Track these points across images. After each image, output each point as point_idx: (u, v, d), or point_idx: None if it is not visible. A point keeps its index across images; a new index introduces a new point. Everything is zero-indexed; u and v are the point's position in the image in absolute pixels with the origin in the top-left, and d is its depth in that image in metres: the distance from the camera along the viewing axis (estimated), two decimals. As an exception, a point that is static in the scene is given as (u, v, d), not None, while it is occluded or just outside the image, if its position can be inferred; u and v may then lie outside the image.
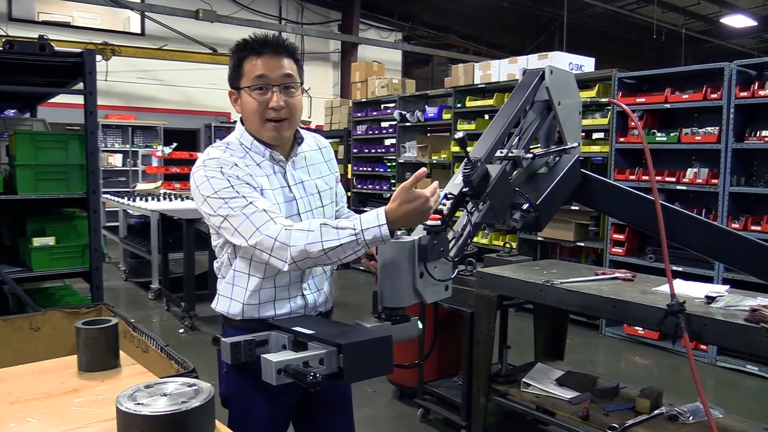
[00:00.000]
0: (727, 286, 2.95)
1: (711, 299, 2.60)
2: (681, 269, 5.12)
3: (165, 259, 6.93)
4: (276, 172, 1.86)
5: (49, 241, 3.31)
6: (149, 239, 7.10)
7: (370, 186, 9.55)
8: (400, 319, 1.66)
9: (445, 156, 8.04)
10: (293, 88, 1.83)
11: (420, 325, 1.71)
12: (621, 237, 5.84)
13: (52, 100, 5.40)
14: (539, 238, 6.62)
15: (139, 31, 13.40)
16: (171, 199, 8.20)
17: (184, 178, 11.81)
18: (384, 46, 15.80)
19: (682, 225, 2.22)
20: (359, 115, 9.78)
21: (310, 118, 12.82)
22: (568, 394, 3.20)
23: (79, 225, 3.44)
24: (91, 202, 3.27)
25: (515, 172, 2.07)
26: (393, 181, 9.06)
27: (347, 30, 15.09)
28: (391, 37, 16.47)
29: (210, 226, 1.83)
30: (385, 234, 1.57)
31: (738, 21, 15.70)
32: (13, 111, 4.80)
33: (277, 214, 1.70)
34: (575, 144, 2.17)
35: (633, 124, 5.67)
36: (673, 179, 5.46)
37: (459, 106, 7.66)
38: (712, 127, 5.25)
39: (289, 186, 1.87)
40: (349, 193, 9.78)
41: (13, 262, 3.48)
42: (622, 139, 5.81)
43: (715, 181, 5.17)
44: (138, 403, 1.17)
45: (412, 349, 3.54)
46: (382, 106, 9.51)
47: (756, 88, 4.91)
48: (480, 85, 7.45)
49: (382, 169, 9.38)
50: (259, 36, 1.83)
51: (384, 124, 9.51)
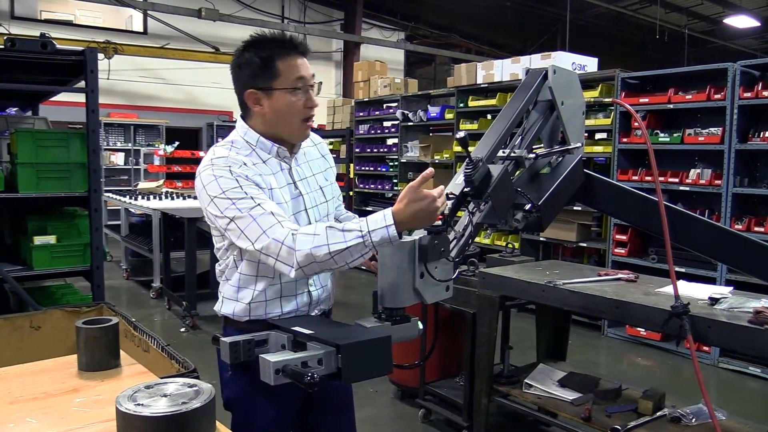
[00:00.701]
0: (731, 288, 2.93)
1: (714, 301, 2.59)
2: (683, 270, 5.10)
3: (166, 257, 6.93)
4: (282, 168, 1.85)
5: (50, 239, 3.30)
6: (151, 238, 7.11)
7: (372, 186, 9.54)
8: (401, 320, 1.65)
9: (447, 156, 8.03)
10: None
11: (420, 326, 1.70)
12: (623, 238, 5.82)
13: (55, 99, 5.39)
14: (541, 239, 6.60)
15: (141, 29, 13.41)
16: (173, 198, 8.19)
17: (186, 176, 11.81)
18: (386, 45, 15.80)
19: (686, 226, 2.21)
20: (361, 114, 9.78)
21: (312, 117, 12.80)
22: (570, 396, 3.18)
23: (81, 224, 3.43)
24: (92, 201, 3.26)
25: (517, 173, 2.06)
26: (395, 180, 9.05)
27: (350, 29, 15.08)
28: (393, 36, 16.46)
29: (214, 228, 1.80)
30: (393, 235, 1.55)
31: (741, 21, 15.66)
32: (15, 109, 4.81)
33: (284, 217, 1.68)
34: (578, 144, 2.16)
35: (637, 124, 5.66)
36: (676, 180, 5.44)
37: (461, 105, 7.64)
38: (716, 128, 5.23)
39: (294, 182, 1.87)
40: (351, 193, 9.78)
41: (14, 261, 3.47)
42: (625, 140, 5.79)
43: (718, 182, 5.15)
44: (138, 404, 1.16)
45: (413, 350, 3.53)
46: (385, 106, 9.50)
47: (760, 88, 4.89)
48: (482, 85, 7.43)
49: (384, 169, 9.38)
50: (279, 35, 1.80)
51: (386, 124, 9.50)
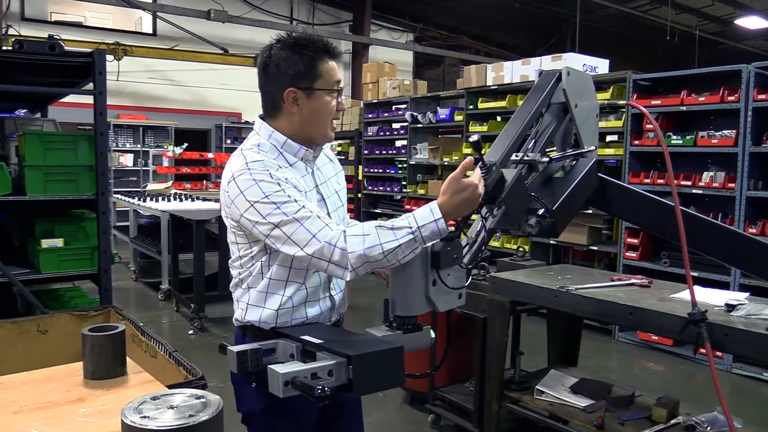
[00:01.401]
0: (747, 294, 2.88)
1: (731, 307, 2.54)
2: (696, 274, 5.03)
3: (175, 259, 6.91)
4: (307, 172, 1.86)
5: (58, 242, 3.28)
6: (159, 239, 7.10)
7: (381, 188, 9.51)
8: (412, 328, 1.62)
9: (456, 158, 7.98)
10: None
11: (432, 335, 1.67)
12: (635, 241, 5.76)
13: (64, 100, 5.40)
14: (551, 242, 6.54)
15: (150, 31, 13.44)
16: (181, 200, 8.19)
17: (194, 178, 11.81)
18: (395, 47, 15.75)
19: (703, 231, 2.16)
20: (370, 116, 9.75)
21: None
22: (582, 402, 3.14)
23: (88, 226, 3.42)
24: (100, 204, 3.24)
25: (530, 177, 2.02)
26: (404, 183, 9.01)
27: (358, 31, 15.06)
28: (402, 38, 16.42)
29: (242, 235, 1.76)
30: (442, 228, 1.56)
31: (752, 22, 15.51)
32: (24, 111, 4.80)
33: (330, 219, 1.66)
34: (592, 147, 2.12)
35: (651, 126, 5.59)
36: (689, 183, 5.37)
37: (471, 107, 7.60)
38: (729, 130, 5.17)
39: (317, 186, 1.87)
40: (360, 195, 9.74)
41: (23, 264, 3.46)
42: (636, 142, 5.73)
43: (731, 185, 5.09)
44: (144, 416, 1.13)
45: (423, 355, 3.49)
46: (394, 107, 9.47)
47: (774, 90, 4.83)
48: (492, 87, 7.38)
49: (393, 171, 9.34)
50: (318, 37, 1.82)
51: (395, 126, 9.47)
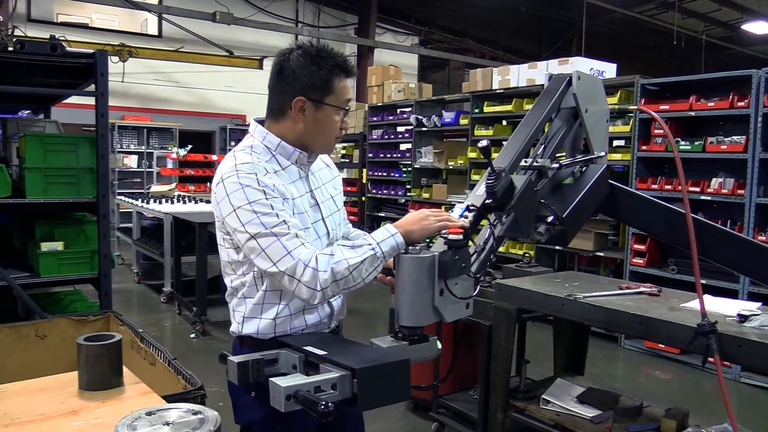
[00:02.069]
0: (759, 303, 2.82)
1: (744, 318, 2.48)
2: (705, 282, 4.95)
3: (178, 262, 6.88)
4: (300, 177, 1.83)
5: (58, 246, 3.24)
6: (162, 242, 7.06)
7: (385, 191, 9.45)
8: (418, 339, 1.57)
9: (461, 162, 7.93)
10: None
11: (439, 346, 1.62)
12: (642, 247, 5.69)
13: (69, 101, 5.37)
14: (557, 248, 6.48)
15: (156, 32, 13.44)
16: (185, 202, 8.15)
17: (198, 180, 11.78)
18: (400, 50, 15.71)
19: (715, 240, 2.11)
20: (375, 119, 9.70)
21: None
22: (589, 413, 3.08)
23: (89, 230, 3.37)
24: (100, 207, 3.20)
25: (540, 183, 1.97)
26: (408, 186, 8.96)
27: (363, 34, 15.03)
28: (407, 41, 16.40)
29: (229, 239, 1.73)
30: (400, 242, 1.62)
31: (759, 27, 15.46)
32: (27, 112, 4.77)
33: (305, 239, 1.65)
34: (602, 153, 2.07)
35: (662, 131, 5.52)
36: (698, 189, 5.30)
37: (477, 111, 7.55)
38: (739, 136, 5.10)
39: (312, 190, 1.85)
40: (364, 198, 9.69)
41: (23, 267, 3.42)
42: (644, 147, 5.67)
43: (741, 191, 5.02)
44: (137, 433, 1.08)
45: (428, 364, 3.43)
46: (399, 111, 9.42)
47: (786, 96, 4.76)
48: (498, 91, 7.32)
49: (397, 174, 9.29)
50: (339, 53, 1.82)
51: (400, 129, 9.42)
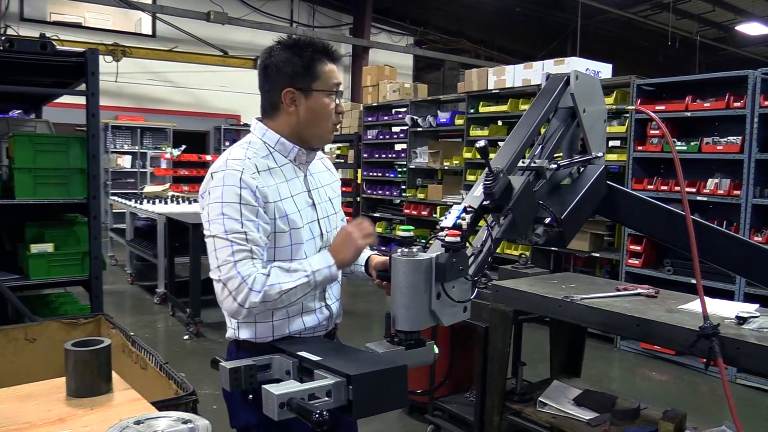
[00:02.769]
0: (757, 305, 2.80)
1: (742, 320, 2.45)
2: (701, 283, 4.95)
3: (171, 262, 6.83)
4: (297, 175, 1.81)
5: (48, 247, 3.19)
6: (156, 242, 7.01)
7: (380, 192, 9.43)
8: (415, 344, 1.53)
9: (457, 162, 7.90)
10: None
11: (436, 350, 1.58)
12: (638, 248, 5.67)
13: (61, 101, 5.30)
14: (552, 249, 6.46)
15: (150, 32, 13.38)
16: (179, 202, 8.10)
17: (192, 180, 11.72)
18: (395, 50, 15.69)
19: (715, 242, 2.10)
20: (370, 119, 9.67)
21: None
22: (586, 415, 3.05)
23: (80, 231, 3.33)
24: (91, 208, 3.15)
25: (537, 184, 1.94)
26: (403, 186, 8.93)
27: (358, 33, 15.01)
28: (402, 41, 16.38)
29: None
30: (334, 273, 1.72)
31: (753, 29, 15.50)
32: (18, 112, 4.72)
33: (259, 257, 1.66)
34: (600, 153, 2.05)
35: (655, 132, 5.52)
36: (693, 190, 5.29)
37: (472, 111, 7.53)
38: (735, 137, 5.09)
39: (309, 190, 1.83)
40: (359, 199, 9.65)
41: (12, 269, 3.37)
42: (640, 148, 5.65)
43: (737, 192, 5.01)
44: (124, 443, 1.04)
45: (424, 367, 3.40)
46: (394, 111, 9.39)
47: (781, 96, 4.75)
48: (494, 91, 7.30)
49: (392, 175, 9.26)
50: (318, 40, 1.82)
51: (395, 129, 9.39)
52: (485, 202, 1.68)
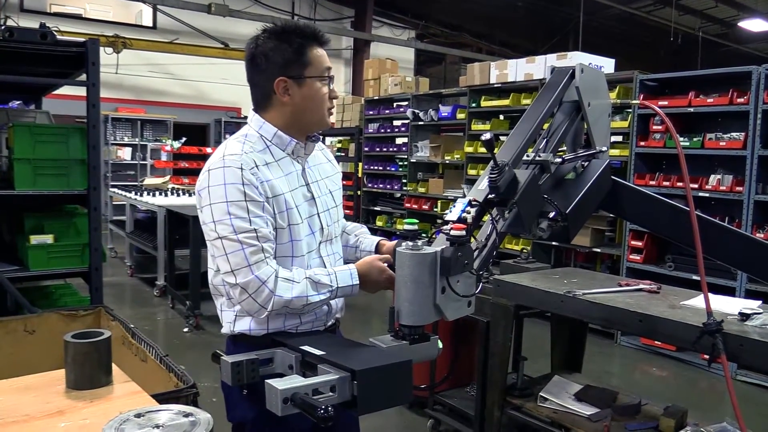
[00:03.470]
0: (759, 302, 2.78)
1: (746, 317, 2.44)
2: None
3: (171, 255, 6.82)
4: (295, 169, 1.77)
5: (47, 239, 3.17)
6: (156, 235, 6.99)
7: (381, 185, 9.40)
8: (419, 338, 1.52)
9: (458, 156, 7.87)
10: None
11: (440, 345, 1.57)
12: (639, 244, 5.66)
13: (62, 92, 5.28)
14: (553, 243, 6.44)
15: (151, 24, 13.33)
16: (179, 195, 8.08)
17: (192, 173, 11.70)
18: (397, 43, 15.63)
19: (720, 238, 2.08)
20: (371, 112, 9.64)
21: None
22: (587, 411, 3.04)
23: (80, 223, 3.31)
24: (91, 199, 3.13)
25: (542, 178, 1.92)
26: (404, 180, 8.91)
27: (360, 27, 14.95)
28: (404, 35, 16.31)
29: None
30: (355, 293, 1.73)
31: (756, 25, 15.44)
32: (18, 102, 4.69)
33: (271, 254, 1.64)
34: (604, 148, 2.03)
35: (662, 127, 5.48)
36: (696, 186, 5.27)
37: (474, 105, 7.50)
38: (738, 133, 5.07)
39: (308, 184, 1.79)
40: (360, 192, 9.64)
41: (13, 260, 3.36)
42: (642, 143, 5.63)
43: (739, 188, 4.99)
44: (125, 436, 1.03)
45: (425, 362, 3.39)
46: (395, 104, 9.36)
47: (785, 93, 4.73)
48: (496, 85, 7.28)
49: (393, 168, 9.24)
50: (304, 25, 1.78)
51: (396, 123, 9.36)
52: (490, 196, 1.66)
